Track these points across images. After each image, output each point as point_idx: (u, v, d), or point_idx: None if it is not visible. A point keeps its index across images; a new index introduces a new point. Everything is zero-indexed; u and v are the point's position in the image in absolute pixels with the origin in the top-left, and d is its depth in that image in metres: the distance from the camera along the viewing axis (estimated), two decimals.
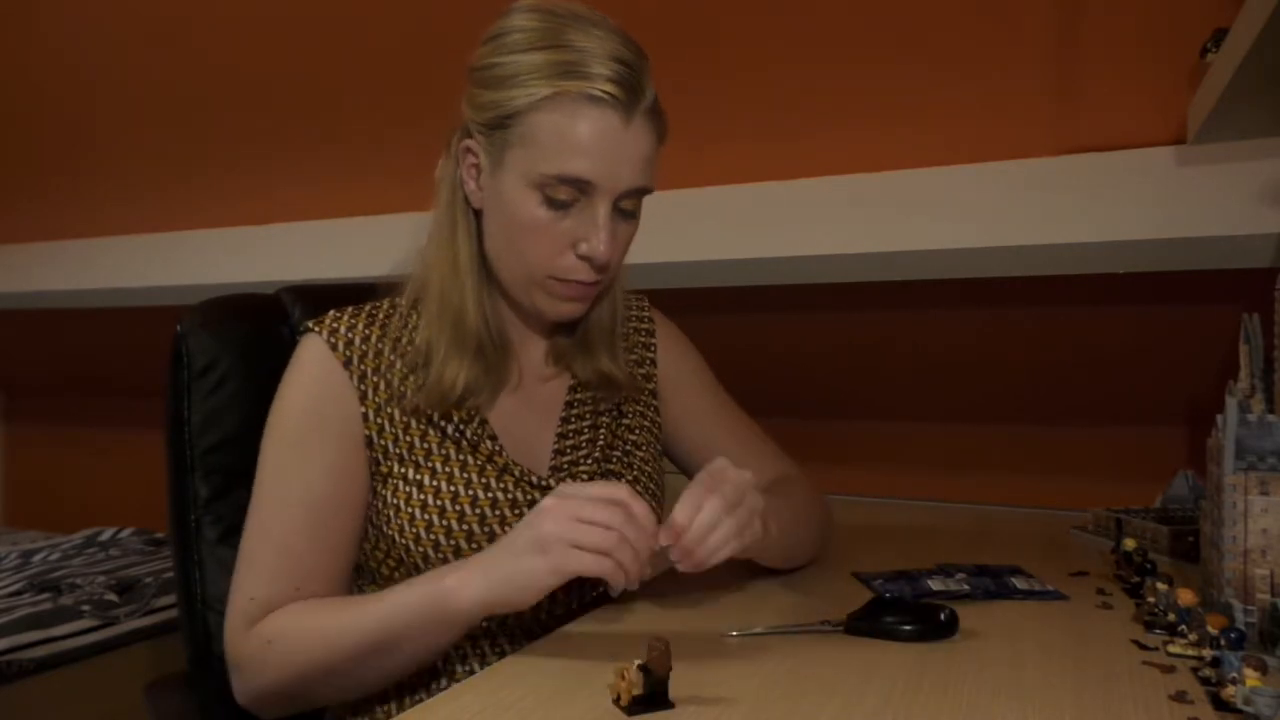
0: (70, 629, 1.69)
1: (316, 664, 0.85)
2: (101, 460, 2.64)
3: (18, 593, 1.81)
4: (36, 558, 2.06)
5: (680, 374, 1.13)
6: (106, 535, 2.22)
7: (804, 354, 1.74)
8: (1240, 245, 1.27)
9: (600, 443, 1.03)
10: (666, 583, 1.03)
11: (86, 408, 2.69)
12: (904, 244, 1.47)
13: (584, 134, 0.86)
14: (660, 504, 1.05)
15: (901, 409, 1.69)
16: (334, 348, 0.95)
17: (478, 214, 0.96)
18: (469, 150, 0.94)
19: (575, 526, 0.78)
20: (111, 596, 1.79)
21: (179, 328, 1.04)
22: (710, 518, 0.82)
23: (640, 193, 0.92)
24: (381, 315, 0.99)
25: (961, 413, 1.65)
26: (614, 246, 0.92)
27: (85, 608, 1.74)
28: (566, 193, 0.88)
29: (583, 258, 0.91)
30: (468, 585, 0.81)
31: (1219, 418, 0.85)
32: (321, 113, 2.15)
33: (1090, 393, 1.55)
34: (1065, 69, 1.45)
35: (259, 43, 2.22)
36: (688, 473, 1.12)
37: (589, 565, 0.78)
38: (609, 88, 0.86)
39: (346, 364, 0.95)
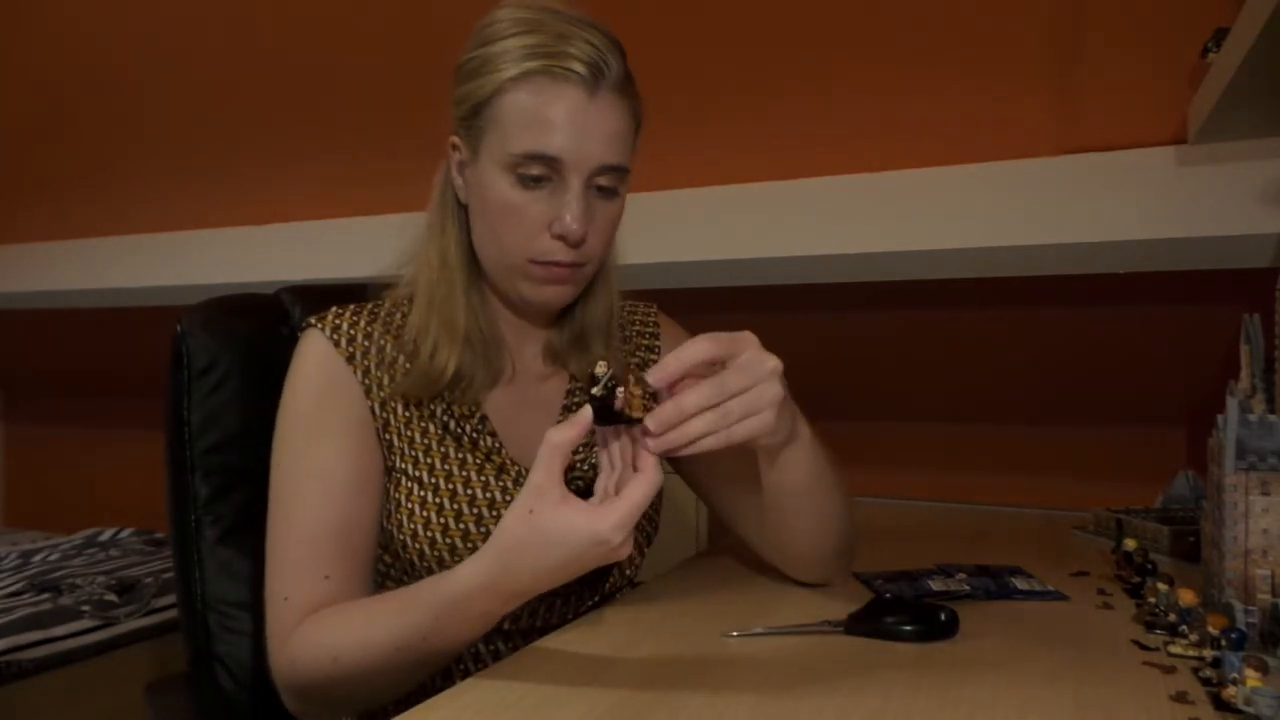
0: (70, 629, 1.69)
1: (377, 673, 0.83)
2: (101, 460, 2.64)
3: (18, 593, 1.81)
4: (36, 558, 2.05)
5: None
6: (106, 535, 2.22)
7: (803, 354, 1.72)
8: (1240, 245, 1.27)
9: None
10: (666, 583, 1.04)
11: (86, 408, 2.68)
12: (904, 244, 1.47)
13: (549, 111, 0.88)
14: (657, 509, 1.05)
15: (902, 409, 1.69)
16: (336, 344, 0.95)
17: (466, 210, 0.97)
18: (454, 146, 0.96)
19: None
20: (111, 596, 1.79)
21: (179, 328, 1.04)
22: (698, 399, 0.75)
23: (614, 170, 0.91)
24: (383, 312, 1.00)
25: (961, 413, 1.65)
26: (590, 225, 0.91)
27: (85, 608, 1.74)
28: (538, 169, 0.89)
29: (558, 236, 0.90)
30: (508, 575, 0.76)
31: (1219, 418, 0.85)
32: (322, 114, 2.15)
33: (1090, 393, 1.55)
34: (1065, 69, 1.45)
35: (259, 44, 2.21)
36: (686, 475, 1.12)
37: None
38: (572, 64, 0.87)
39: (350, 359, 0.95)
